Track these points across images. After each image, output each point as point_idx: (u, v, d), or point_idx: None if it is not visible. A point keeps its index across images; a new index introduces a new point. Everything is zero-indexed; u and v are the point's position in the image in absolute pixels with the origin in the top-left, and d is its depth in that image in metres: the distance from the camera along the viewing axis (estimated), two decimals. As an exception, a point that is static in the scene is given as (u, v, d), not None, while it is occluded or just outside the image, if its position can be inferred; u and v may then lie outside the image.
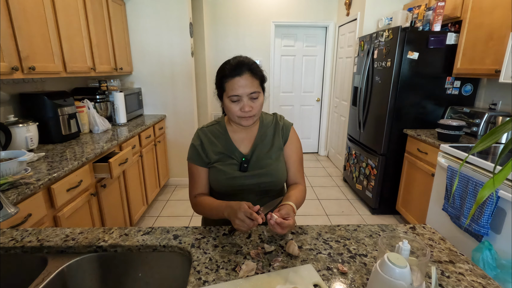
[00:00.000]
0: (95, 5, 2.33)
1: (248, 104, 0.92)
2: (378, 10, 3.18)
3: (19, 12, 1.54)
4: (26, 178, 1.27)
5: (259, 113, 0.97)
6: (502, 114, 2.15)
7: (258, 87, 0.93)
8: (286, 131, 1.07)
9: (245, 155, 1.02)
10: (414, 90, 2.50)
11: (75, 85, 2.55)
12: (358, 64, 3.22)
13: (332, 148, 4.41)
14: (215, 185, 1.03)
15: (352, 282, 0.71)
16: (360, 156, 3.06)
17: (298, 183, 1.08)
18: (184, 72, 3.17)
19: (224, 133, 1.04)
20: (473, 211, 0.55)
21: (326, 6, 4.06)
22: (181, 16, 3.03)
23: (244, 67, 0.91)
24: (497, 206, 1.51)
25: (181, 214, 2.82)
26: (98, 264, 0.86)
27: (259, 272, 0.74)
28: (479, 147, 0.55)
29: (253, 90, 0.91)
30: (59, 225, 1.46)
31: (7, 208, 0.69)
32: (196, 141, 1.04)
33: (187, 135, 3.34)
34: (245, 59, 0.94)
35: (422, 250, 0.68)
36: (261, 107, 0.97)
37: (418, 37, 2.37)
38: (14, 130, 1.66)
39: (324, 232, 0.93)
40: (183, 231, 0.93)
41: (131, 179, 2.39)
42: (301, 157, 1.10)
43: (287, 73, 4.42)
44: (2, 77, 1.44)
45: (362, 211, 2.91)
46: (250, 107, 0.92)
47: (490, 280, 0.72)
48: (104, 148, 1.89)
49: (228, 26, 4.03)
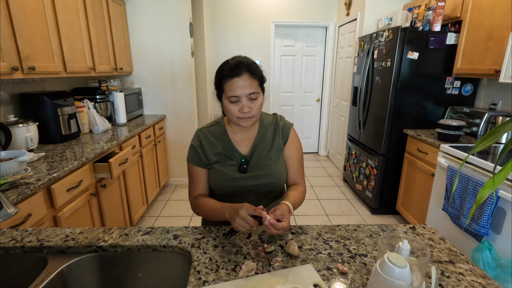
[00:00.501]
0: (95, 5, 2.33)
1: (247, 105, 0.91)
2: (378, 10, 3.19)
3: (19, 12, 1.54)
4: (26, 178, 1.27)
5: (258, 114, 0.96)
6: (502, 114, 2.15)
7: (257, 88, 0.92)
8: (286, 131, 1.06)
9: (244, 156, 1.02)
10: (414, 90, 2.50)
11: (75, 85, 2.55)
12: (358, 64, 3.22)
13: (332, 148, 4.41)
14: (215, 186, 1.02)
15: (352, 282, 0.71)
16: (360, 156, 3.06)
17: (298, 183, 1.07)
18: (184, 72, 3.17)
19: (224, 134, 1.03)
20: (473, 211, 0.55)
21: (326, 6, 4.06)
22: (181, 16, 3.03)
23: (243, 68, 0.89)
24: (497, 206, 1.51)
25: (181, 214, 2.82)
26: (98, 264, 0.86)
27: (259, 272, 0.74)
28: (479, 147, 0.55)
29: (252, 91, 0.90)
30: (59, 225, 1.46)
31: (7, 208, 0.69)
32: (195, 142, 1.03)
33: (187, 135, 3.35)
34: (244, 59, 0.93)
35: (422, 250, 0.68)
36: (261, 107, 0.96)
37: (418, 37, 2.37)
38: (14, 130, 1.66)
39: (324, 232, 0.93)
40: (183, 231, 0.93)
41: (131, 179, 2.39)
42: (301, 158, 1.09)
43: (287, 73, 4.42)
44: (2, 77, 1.44)
45: (362, 211, 2.91)
46: (249, 108, 0.91)
47: (490, 280, 0.72)
48: (104, 148, 1.89)
49: (228, 26, 4.03)
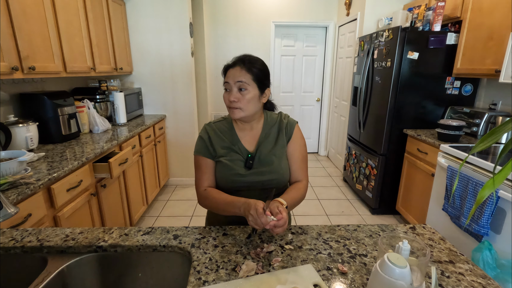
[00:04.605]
0: (95, 5, 2.33)
1: (234, 95, 0.95)
2: (378, 10, 3.18)
3: (19, 12, 1.54)
4: (26, 178, 1.27)
5: (248, 108, 0.96)
6: (502, 114, 2.15)
7: (248, 80, 0.94)
8: (290, 129, 1.07)
9: (250, 152, 1.03)
10: (414, 90, 2.49)
11: (75, 85, 2.55)
12: (358, 64, 3.22)
13: (332, 148, 4.41)
14: (221, 180, 1.03)
15: (352, 282, 0.71)
16: (360, 156, 3.06)
17: (300, 180, 1.07)
18: (184, 72, 3.17)
19: (231, 129, 1.06)
20: (473, 211, 0.55)
21: (326, 6, 4.06)
22: (181, 16, 3.03)
23: (240, 61, 0.97)
24: (497, 206, 1.51)
25: (181, 214, 2.82)
26: (98, 264, 0.86)
27: (259, 272, 0.74)
28: (479, 147, 0.55)
29: (240, 79, 0.94)
30: (59, 225, 1.46)
31: (7, 208, 0.69)
32: (204, 134, 1.05)
33: (187, 135, 3.35)
34: (247, 55, 0.99)
35: (422, 250, 0.68)
36: (250, 102, 0.96)
37: (418, 37, 2.37)
38: (14, 130, 1.66)
39: (324, 232, 0.93)
40: (183, 231, 0.93)
41: (131, 179, 2.39)
42: (304, 155, 1.10)
43: (287, 73, 4.42)
44: (2, 77, 1.44)
45: (362, 211, 2.91)
46: (235, 97, 0.94)
47: (490, 280, 0.72)
48: (104, 148, 1.89)
49: (228, 26, 4.03)
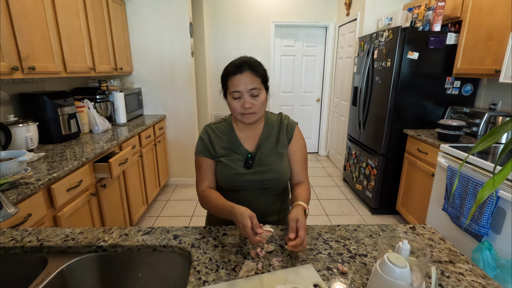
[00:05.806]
0: (95, 5, 2.33)
1: (248, 101, 0.94)
2: (378, 10, 3.18)
3: (19, 12, 1.54)
4: (26, 178, 1.27)
5: (261, 111, 0.98)
6: (502, 114, 2.15)
7: (259, 84, 0.95)
8: (291, 130, 1.08)
9: (250, 152, 1.04)
10: (414, 90, 2.49)
11: (75, 85, 2.55)
12: (358, 64, 3.22)
13: (332, 148, 4.41)
14: (220, 180, 1.04)
15: (352, 282, 0.71)
16: (360, 156, 3.06)
17: (302, 182, 1.08)
18: (184, 72, 3.17)
19: (230, 130, 1.06)
20: (473, 211, 0.55)
21: (326, 6, 4.06)
22: (181, 16, 3.03)
23: (246, 65, 0.94)
24: (497, 206, 1.51)
25: (181, 214, 2.82)
26: (98, 264, 0.86)
27: (259, 272, 0.74)
28: (479, 147, 0.55)
29: (253, 86, 0.93)
30: (59, 225, 1.46)
31: (7, 208, 0.69)
32: (204, 135, 1.06)
33: (187, 135, 3.35)
34: (248, 58, 0.97)
35: (422, 250, 0.68)
36: (263, 105, 0.98)
37: (418, 37, 2.37)
38: (14, 130, 1.66)
39: (324, 232, 0.93)
40: (183, 231, 0.93)
41: (131, 179, 2.39)
42: (305, 156, 1.11)
43: (287, 73, 4.42)
44: (2, 77, 1.44)
45: (362, 211, 2.91)
46: (250, 104, 0.94)
47: (490, 280, 0.72)
48: (104, 148, 1.89)
49: (228, 26, 4.03)
